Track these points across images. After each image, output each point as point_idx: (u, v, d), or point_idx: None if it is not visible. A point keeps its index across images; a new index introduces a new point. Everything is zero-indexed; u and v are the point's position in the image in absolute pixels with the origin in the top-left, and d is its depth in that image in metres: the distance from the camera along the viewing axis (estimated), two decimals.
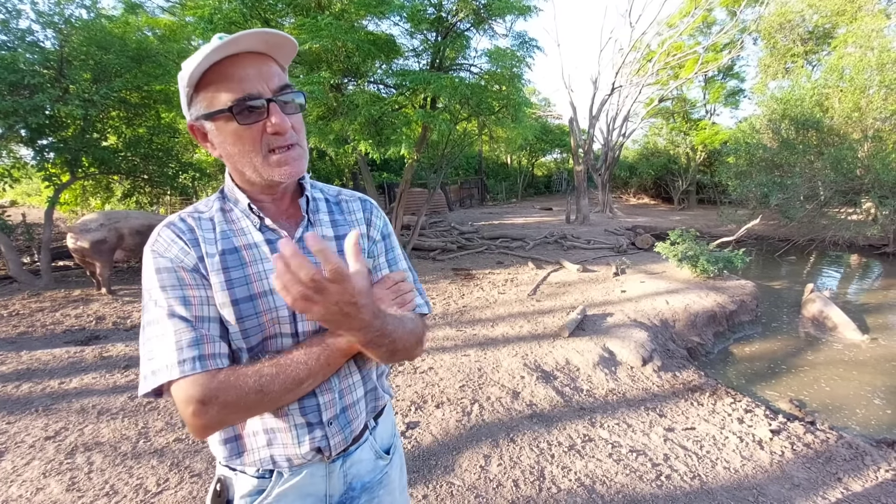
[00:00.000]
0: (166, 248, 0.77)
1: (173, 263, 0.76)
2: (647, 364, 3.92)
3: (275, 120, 0.73)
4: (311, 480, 0.87)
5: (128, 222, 6.30)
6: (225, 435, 0.82)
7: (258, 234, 0.82)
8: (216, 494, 0.87)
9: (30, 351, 4.18)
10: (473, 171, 23.49)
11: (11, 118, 5.65)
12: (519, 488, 2.33)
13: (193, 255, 0.77)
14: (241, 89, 0.72)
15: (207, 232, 0.80)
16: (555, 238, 10.29)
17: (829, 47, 14.59)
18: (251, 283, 0.79)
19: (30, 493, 2.28)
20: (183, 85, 0.75)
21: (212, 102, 0.74)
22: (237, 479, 0.85)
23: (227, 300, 0.77)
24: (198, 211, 0.83)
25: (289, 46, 0.77)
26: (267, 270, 0.81)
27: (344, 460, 0.90)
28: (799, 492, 2.34)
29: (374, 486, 0.96)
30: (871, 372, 4.38)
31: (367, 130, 6.88)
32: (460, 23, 7.30)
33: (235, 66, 0.72)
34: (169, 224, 0.80)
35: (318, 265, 0.76)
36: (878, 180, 9.18)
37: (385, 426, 1.01)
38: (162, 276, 0.74)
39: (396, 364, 3.77)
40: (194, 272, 0.76)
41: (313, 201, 0.90)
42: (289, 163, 0.77)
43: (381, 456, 0.98)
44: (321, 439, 0.84)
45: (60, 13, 6.17)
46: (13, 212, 10.86)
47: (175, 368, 0.69)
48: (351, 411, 0.88)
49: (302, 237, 0.84)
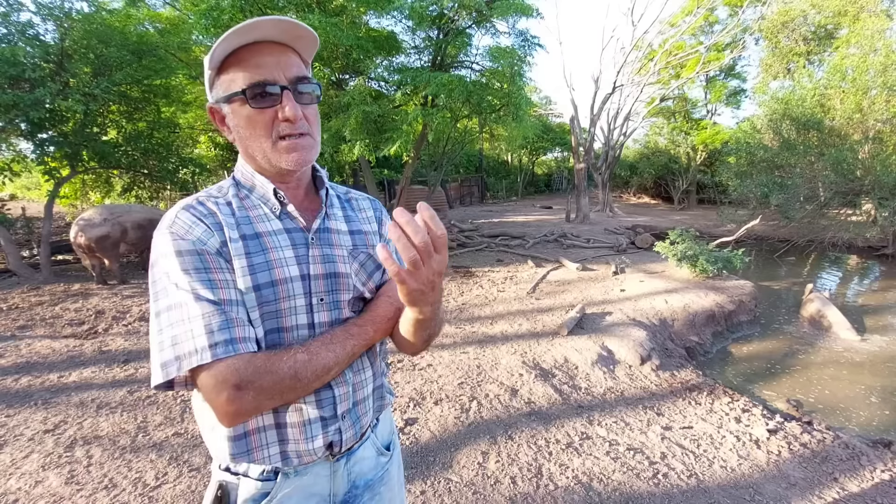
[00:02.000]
0: (187, 231, 0.73)
1: (196, 246, 0.73)
2: (646, 363, 3.92)
3: (287, 107, 0.75)
4: (316, 480, 0.86)
5: (130, 216, 6.32)
6: (234, 432, 0.78)
7: (277, 222, 0.82)
8: (217, 500, 0.83)
9: (29, 344, 4.18)
10: (474, 169, 23.48)
11: (12, 112, 5.64)
12: (516, 485, 2.34)
13: (217, 238, 0.75)
14: (257, 74, 0.74)
15: (227, 217, 0.79)
16: (554, 236, 10.29)
17: (832, 48, 14.57)
18: (273, 269, 0.78)
19: (29, 486, 2.28)
20: (206, 68, 0.77)
21: (229, 86, 0.76)
22: (240, 484, 0.83)
23: (249, 285, 0.76)
24: (213, 196, 0.81)
25: (308, 38, 0.78)
26: (287, 258, 0.81)
27: (348, 458, 0.90)
28: (795, 491, 2.35)
29: (375, 483, 0.96)
30: (868, 373, 4.40)
31: (366, 129, 6.86)
32: (462, 21, 7.28)
33: (255, 53, 0.74)
34: (187, 207, 0.77)
35: (333, 257, 0.83)
36: (878, 182, 9.18)
37: (385, 423, 1.02)
38: (184, 258, 0.71)
39: (395, 360, 3.78)
40: (218, 255, 0.74)
41: (329, 196, 0.91)
42: (297, 150, 0.78)
43: (383, 452, 0.98)
44: (335, 433, 0.84)
45: (61, 6, 6.15)
46: (13, 205, 10.85)
47: (207, 352, 0.67)
48: (361, 407, 0.89)
49: (320, 228, 0.86)
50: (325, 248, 0.85)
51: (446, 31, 7.38)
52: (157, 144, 7.88)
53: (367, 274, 0.90)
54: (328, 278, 0.84)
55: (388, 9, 6.60)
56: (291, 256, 0.81)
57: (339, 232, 0.89)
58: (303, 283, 0.81)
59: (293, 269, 0.80)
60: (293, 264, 0.81)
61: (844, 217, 10.58)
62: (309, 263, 0.83)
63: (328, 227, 0.87)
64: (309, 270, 0.82)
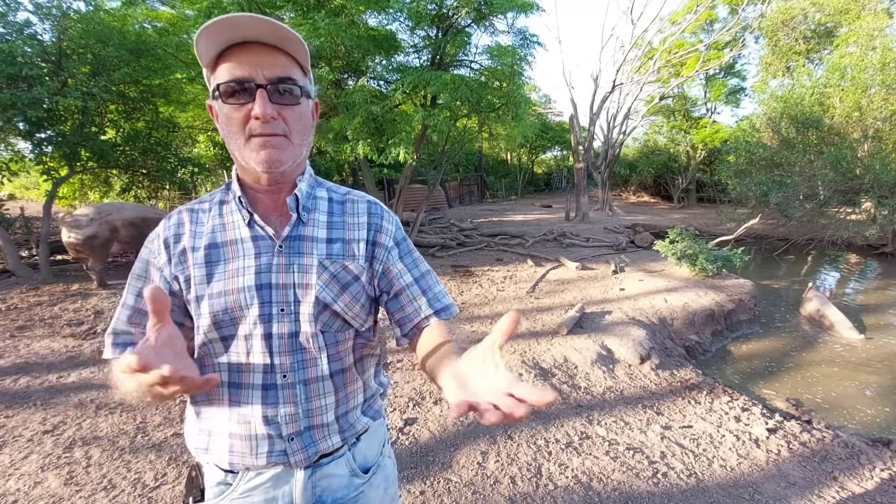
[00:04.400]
0: (151, 240, 0.85)
1: (149, 255, 0.84)
2: (645, 362, 3.92)
3: (257, 105, 0.73)
4: (276, 483, 0.85)
5: (120, 214, 6.22)
6: (197, 427, 0.86)
7: (246, 230, 0.82)
8: (190, 480, 0.89)
9: (28, 345, 4.18)
10: (473, 168, 23.46)
11: (10, 111, 5.62)
12: (516, 485, 2.33)
13: (171, 250, 0.83)
14: (234, 72, 0.74)
15: (199, 226, 0.83)
16: (554, 236, 10.29)
17: (832, 46, 14.56)
18: (227, 279, 0.80)
19: (28, 487, 2.28)
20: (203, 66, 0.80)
21: (213, 82, 0.78)
22: (207, 469, 0.87)
23: (204, 293, 0.80)
24: (200, 202, 0.87)
25: (294, 41, 0.76)
26: (246, 268, 0.80)
27: (313, 471, 0.86)
28: (795, 490, 2.36)
29: (347, 503, 0.91)
30: (867, 371, 4.40)
31: (367, 129, 6.85)
32: (461, 19, 7.27)
33: (241, 52, 0.75)
34: (168, 216, 0.86)
35: (301, 266, 0.82)
36: (878, 180, 9.18)
37: (370, 444, 0.95)
38: (138, 264, 0.85)
39: (394, 360, 3.78)
40: (160, 270, 0.83)
41: (311, 199, 0.87)
42: (266, 148, 0.75)
43: (357, 474, 0.92)
44: (279, 455, 0.82)
45: (58, 6, 6.13)
46: (11, 205, 10.82)
47: (108, 348, 0.84)
48: (318, 432, 0.85)
49: (290, 236, 0.82)
50: (293, 257, 0.81)
51: (445, 29, 7.36)
52: (156, 144, 7.85)
53: (341, 286, 0.84)
54: (291, 288, 0.81)
55: (386, 6, 6.58)
56: (251, 265, 0.80)
57: (313, 240, 0.84)
58: (259, 292, 0.79)
59: (249, 279, 0.79)
60: (251, 273, 0.80)
61: (844, 215, 10.58)
62: (272, 272, 0.80)
63: (301, 234, 0.83)
64: (270, 280, 0.80)
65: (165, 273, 0.82)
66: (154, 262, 0.83)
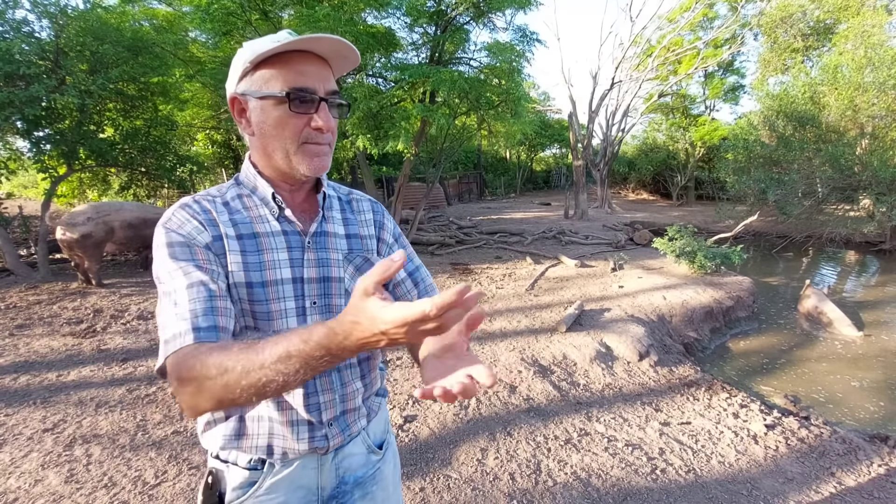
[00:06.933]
0: (180, 226, 0.77)
1: (186, 239, 0.77)
2: (644, 359, 3.94)
3: (322, 117, 0.78)
4: (303, 472, 0.87)
5: (119, 215, 6.17)
6: (232, 413, 0.83)
7: (276, 224, 0.84)
8: (207, 487, 0.87)
9: (27, 343, 4.18)
10: (472, 166, 23.43)
11: (7, 109, 5.60)
12: (515, 481, 2.34)
13: (208, 234, 0.78)
14: (301, 81, 0.76)
15: (223, 214, 0.82)
16: (553, 233, 10.30)
17: (830, 43, 14.55)
18: (265, 270, 0.81)
19: (28, 485, 2.28)
20: (243, 59, 0.78)
21: (268, 83, 0.77)
22: (229, 472, 0.86)
23: (243, 280, 0.79)
24: (210, 196, 0.85)
25: (351, 59, 0.81)
26: (280, 260, 0.83)
27: (336, 453, 0.91)
28: (792, 486, 2.37)
29: (366, 481, 0.96)
30: (865, 367, 4.42)
31: (366, 124, 6.85)
32: (460, 16, 7.25)
33: (299, 60, 0.77)
34: (183, 205, 0.81)
35: (329, 261, 0.85)
36: (876, 177, 9.20)
37: (378, 422, 1.02)
38: (174, 249, 0.75)
39: (394, 358, 3.79)
40: (207, 250, 0.77)
41: (328, 198, 0.92)
42: (320, 156, 0.81)
43: (374, 450, 0.98)
44: (321, 439, 0.86)
45: (56, 3, 6.10)
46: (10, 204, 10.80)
47: (172, 342, 0.67)
48: (350, 415, 0.91)
49: (317, 232, 0.87)
50: (321, 252, 0.86)
51: (444, 26, 7.35)
52: (155, 142, 7.84)
53: None
54: (321, 282, 0.85)
55: (385, 3, 6.56)
56: (286, 259, 0.83)
57: (335, 236, 0.90)
58: (294, 285, 0.83)
59: (286, 272, 0.82)
60: (286, 267, 0.83)
61: (842, 212, 10.60)
62: (303, 267, 0.84)
63: (325, 230, 0.89)
64: (303, 274, 0.84)
65: (214, 250, 0.78)
66: (198, 242, 0.77)
